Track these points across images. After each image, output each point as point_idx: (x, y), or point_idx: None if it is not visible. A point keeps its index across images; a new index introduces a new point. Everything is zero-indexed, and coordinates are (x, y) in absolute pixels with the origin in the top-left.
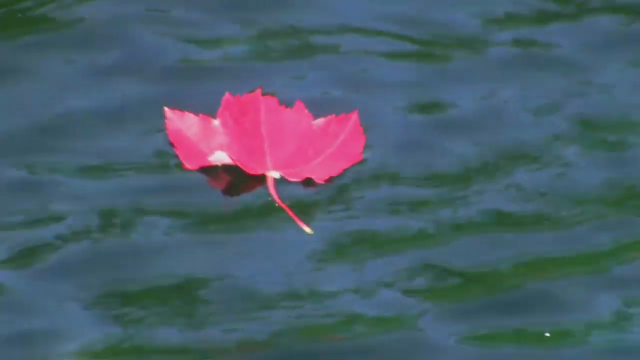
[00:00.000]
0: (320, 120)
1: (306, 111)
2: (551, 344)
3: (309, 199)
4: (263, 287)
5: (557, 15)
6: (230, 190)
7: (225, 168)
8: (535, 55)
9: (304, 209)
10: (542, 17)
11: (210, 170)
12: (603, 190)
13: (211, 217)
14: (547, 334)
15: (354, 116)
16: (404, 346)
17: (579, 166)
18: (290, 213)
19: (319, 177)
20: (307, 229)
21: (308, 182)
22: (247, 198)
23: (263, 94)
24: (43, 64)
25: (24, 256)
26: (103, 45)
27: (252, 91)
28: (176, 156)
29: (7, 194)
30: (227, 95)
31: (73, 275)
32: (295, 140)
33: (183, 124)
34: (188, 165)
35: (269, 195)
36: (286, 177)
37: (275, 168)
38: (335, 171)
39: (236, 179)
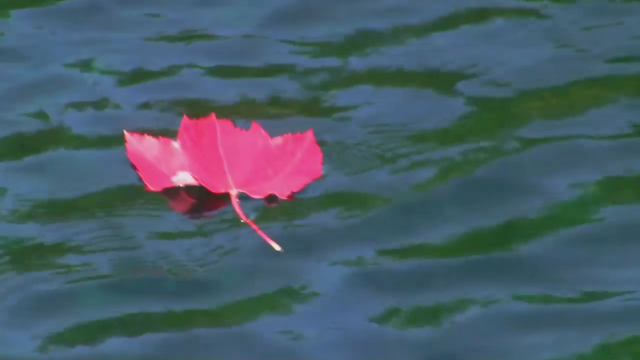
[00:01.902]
0: (277, 140)
1: (262, 131)
2: None
3: (273, 216)
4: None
5: None
6: (196, 209)
7: (189, 189)
8: None
9: (270, 226)
10: None
11: (173, 191)
12: None
13: (177, 237)
14: None
15: (309, 134)
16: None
17: None
18: (258, 231)
19: (281, 193)
20: (276, 246)
21: (271, 198)
22: (212, 217)
23: (218, 118)
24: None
25: None
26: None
27: (206, 115)
28: (139, 178)
29: None
30: (185, 117)
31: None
32: (253, 160)
33: (143, 146)
34: (151, 187)
35: (235, 213)
36: (249, 195)
37: (237, 187)
38: (296, 187)
39: (200, 199)
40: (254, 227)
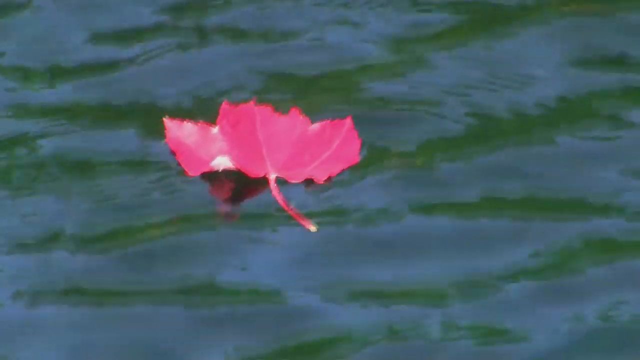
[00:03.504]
0: (315, 126)
1: (301, 117)
2: None
3: (310, 199)
4: (267, 283)
5: None
6: (234, 193)
7: (227, 173)
8: None
9: (307, 209)
10: None
11: (212, 176)
12: None
13: (215, 220)
14: None
15: (348, 121)
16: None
17: None
18: (293, 214)
19: (318, 177)
20: (312, 227)
21: (308, 182)
22: (250, 200)
23: (257, 104)
24: None
25: None
26: None
27: (247, 101)
28: (178, 164)
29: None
30: (224, 103)
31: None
32: (292, 146)
33: (182, 132)
34: (190, 172)
35: (272, 196)
36: (287, 179)
37: (275, 171)
38: (333, 172)
39: (238, 183)
40: (291, 208)
